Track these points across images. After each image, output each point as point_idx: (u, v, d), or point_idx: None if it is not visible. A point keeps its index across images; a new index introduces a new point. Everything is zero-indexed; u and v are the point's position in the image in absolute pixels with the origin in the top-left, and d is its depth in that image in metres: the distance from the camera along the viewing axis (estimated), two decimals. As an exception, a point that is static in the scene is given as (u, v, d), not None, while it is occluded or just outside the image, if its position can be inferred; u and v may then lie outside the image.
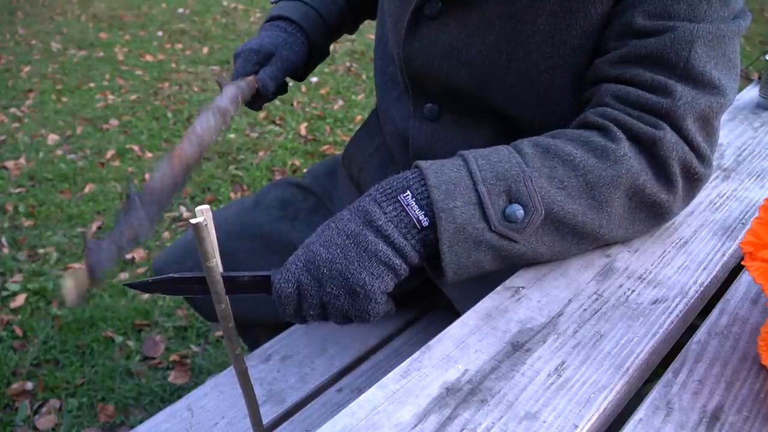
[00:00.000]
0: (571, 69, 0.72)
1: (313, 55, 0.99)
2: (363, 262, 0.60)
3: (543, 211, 0.60)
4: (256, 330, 1.18)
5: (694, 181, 0.67)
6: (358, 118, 3.21)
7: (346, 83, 3.69)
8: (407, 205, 0.61)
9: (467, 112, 0.81)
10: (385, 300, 0.61)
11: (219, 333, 1.80)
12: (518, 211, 0.60)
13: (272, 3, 1.02)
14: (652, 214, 0.67)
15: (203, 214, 0.55)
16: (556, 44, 0.71)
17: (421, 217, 0.60)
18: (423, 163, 0.63)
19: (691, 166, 0.65)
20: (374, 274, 0.60)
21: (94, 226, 2.30)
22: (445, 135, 0.84)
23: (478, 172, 0.61)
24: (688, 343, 0.58)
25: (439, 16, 0.76)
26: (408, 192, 0.61)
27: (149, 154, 2.84)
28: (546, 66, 0.72)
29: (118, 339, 1.78)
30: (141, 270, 2.07)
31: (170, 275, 0.62)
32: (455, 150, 0.65)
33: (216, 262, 0.58)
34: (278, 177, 2.65)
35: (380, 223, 0.60)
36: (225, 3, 5.37)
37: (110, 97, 3.46)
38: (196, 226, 0.54)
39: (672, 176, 0.65)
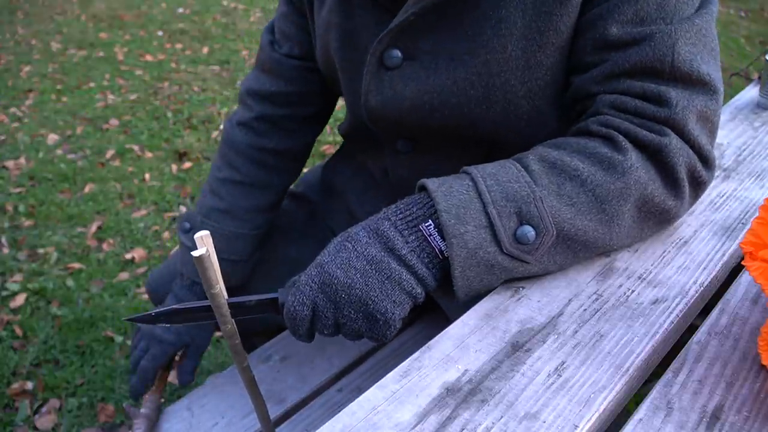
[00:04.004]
0: (552, 86, 0.71)
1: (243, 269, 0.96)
2: (386, 290, 0.59)
3: (554, 232, 0.60)
4: (251, 336, 1.17)
5: (698, 185, 0.67)
6: (358, 118, 3.20)
7: (346, 83, 3.68)
8: (429, 235, 0.60)
9: (442, 140, 0.79)
10: (401, 323, 0.61)
11: (219, 333, 1.80)
12: (530, 233, 0.59)
13: (179, 239, 0.96)
14: (659, 222, 0.67)
15: (204, 243, 0.54)
16: (532, 67, 0.69)
17: (443, 247, 0.60)
18: (431, 185, 0.61)
19: (696, 170, 0.65)
20: (396, 302, 0.59)
21: (94, 226, 2.30)
22: (422, 164, 0.82)
23: (487, 193, 0.60)
24: (688, 343, 0.58)
25: (400, 65, 0.73)
26: (430, 222, 0.60)
27: (149, 154, 2.84)
28: (525, 90, 0.70)
29: (118, 339, 1.78)
30: (141, 270, 2.07)
31: (174, 306, 0.62)
32: (437, 176, 0.64)
33: (220, 287, 0.58)
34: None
35: (404, 252, 0.59)
36: (225, 3, 5.36)
37: (110, 97, 3.46)
38: (199, 258, 0.54)
39: (680, 182, 0.64)
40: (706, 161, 0.66)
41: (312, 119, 0.95)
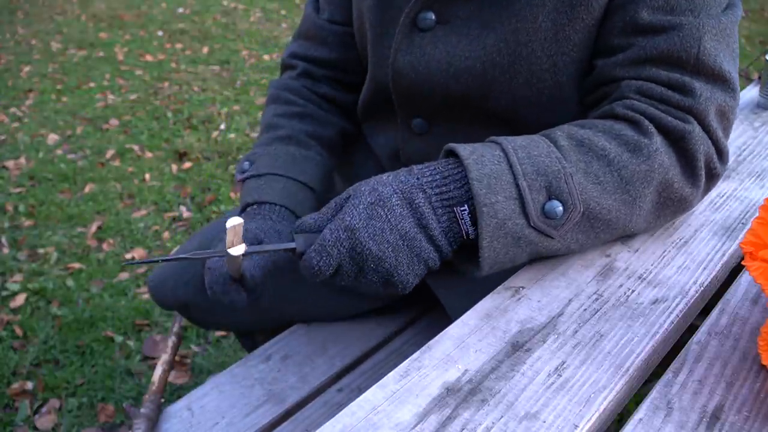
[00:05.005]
0: (576, 65, 0.72)
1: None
2: (413, 265, 0.61)
3: (581, 209, 0.61)
4: (255, 334, 1.17)
5: (711, 177, 0.69)
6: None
7: (346, 83, 3.68)
8: (461, 219, 0.61)
9: (458, 121, 0.80)
10: None
11: (219, 333, 1.80)
12: (558, 207, 0.60)
13: (239, 180, 0.84)
14: (675, 209, 0.68)
15: (235, 233, 0.59)
16: (560, 41, 0.70)
17: (470, 231, 0.61)
18: (462, 151, 0.62)
19: (712, 161, 0.67)
20: (417, 275, 0.62)
21: (94, 226, 2.30)
22: (437, 148, 0.82)
23: (518, 165, 0.60)
24: (688, 343, 0.58)
25: (433, 28, 0.74)
26: (466, 207, 0.61)
27: (149, 154, 2.84)
28: (550, 64, 0.72)
29: (118, 339, 1.78)
30: (141, 270, 2.07)
31: (182, 256, 0.62)
32: None
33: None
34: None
35: (436, 233, 0.61)
36: (225, 3, 5.36)
37: (110, 97, 3.46)
38: (237, 257, 0.59)
39: (698, 170, 0.66)
40: (721, 154, 0.68)
41: (354, 88, 0.94)
